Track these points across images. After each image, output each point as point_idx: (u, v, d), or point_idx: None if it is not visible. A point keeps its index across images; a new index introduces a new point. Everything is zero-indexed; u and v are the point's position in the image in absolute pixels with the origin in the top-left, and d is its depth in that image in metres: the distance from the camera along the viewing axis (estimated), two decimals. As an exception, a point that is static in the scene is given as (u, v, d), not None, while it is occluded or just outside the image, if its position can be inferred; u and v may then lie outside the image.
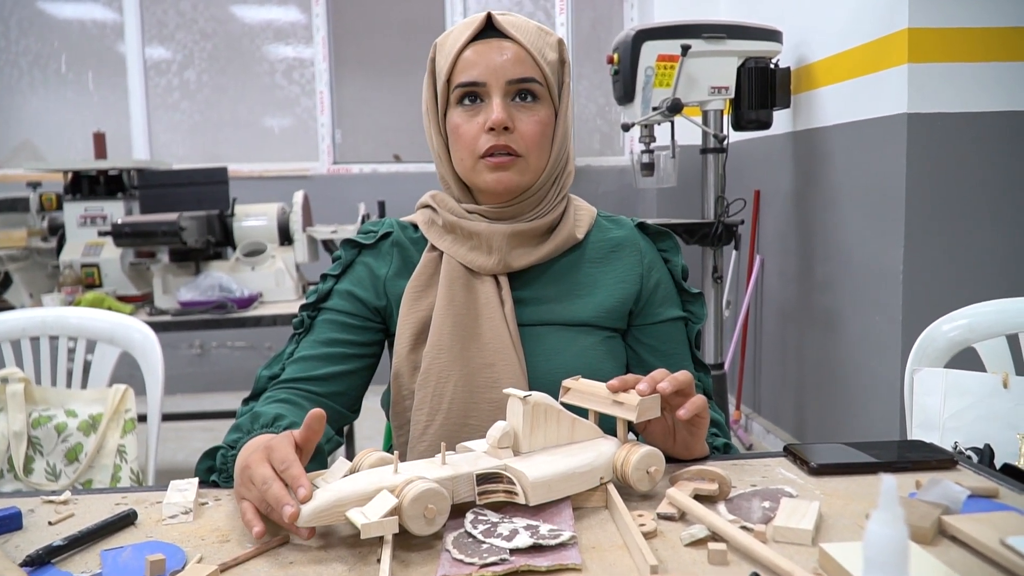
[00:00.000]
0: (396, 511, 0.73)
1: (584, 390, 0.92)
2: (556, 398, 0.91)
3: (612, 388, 0.88)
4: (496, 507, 0.83)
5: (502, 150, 1.05)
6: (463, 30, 1.07)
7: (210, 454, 0.97)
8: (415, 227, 1.17)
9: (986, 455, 1.20)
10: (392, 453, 0.83)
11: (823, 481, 0.93)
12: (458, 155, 1.09)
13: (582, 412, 0.92)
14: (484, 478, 0.81)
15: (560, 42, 1.11)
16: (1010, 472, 1.10)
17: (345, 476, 0.80)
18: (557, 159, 1.10)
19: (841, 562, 0.67)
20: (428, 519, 0.74)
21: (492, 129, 1.04)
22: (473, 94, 1.06)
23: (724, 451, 1.09)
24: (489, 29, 1.07)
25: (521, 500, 0.80)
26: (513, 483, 0.81)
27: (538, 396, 0.87)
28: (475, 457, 0.84)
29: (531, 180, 1.09)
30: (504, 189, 1.07)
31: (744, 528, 0.78)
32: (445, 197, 1.14)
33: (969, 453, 1.22)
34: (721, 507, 0.84)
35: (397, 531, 0.73)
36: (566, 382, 0.94)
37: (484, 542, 0.75)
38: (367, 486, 0.76)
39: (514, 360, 1.05)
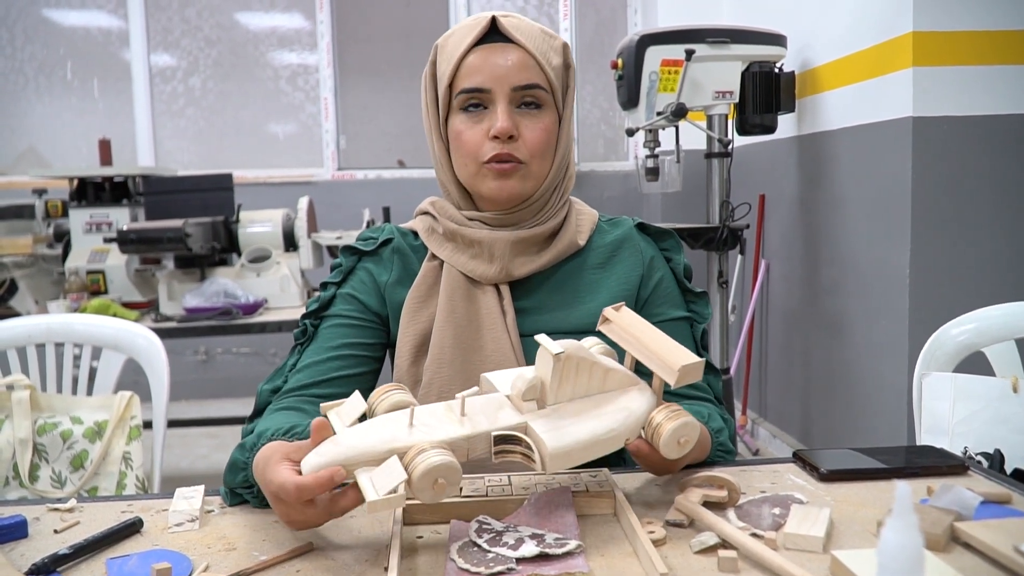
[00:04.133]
0: (406, 481, 0.70)
1: (625, 327, 0.87)
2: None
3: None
4: (500, 515, 0.83)
5: (506, 158, 1.04)
6: (466, 33, 1.05)
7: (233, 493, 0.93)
8: (415, 234, 1.16)
9: (996, 460, 1.20)
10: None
11: (833, 487, 0.93)
12: (460, 160, 1.07)
13: (617, 346, 0.88)
14: (502, 438, 0.78)
15: (565, 46, 1.09)
16: (1020, 477, 1.09)
17: (361, 418, 0.77)
18: (560, 165, 1.09)
19: (853, 569, 0.67)
20: (437, 492, 0.71)
21: (496, 137, 1.03)
22: (477, 100, 1.04)
23: (728, 451, 1.05)
24: (493, 33, 1.04)
25: (538, 468, 0.78)
26: (532, 449, 0.78)
27: (572, 349, 0.80)
28: (496, 407, 0.80)
29: (533, 187, 1.08)
30: (507, 197, 1.06)
31: (754, 535, 0.78)
32: (445, 204, 1.13)
33: (979, 458, 1.21)
34: (731, 514, 0.83)
35: (404, 505, 0.70)
36: (607, 311, 0.90)
37: (490, 551, 0.74)
38: (379, 444, 0.73)
39: None
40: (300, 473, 0.74)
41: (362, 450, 0.73)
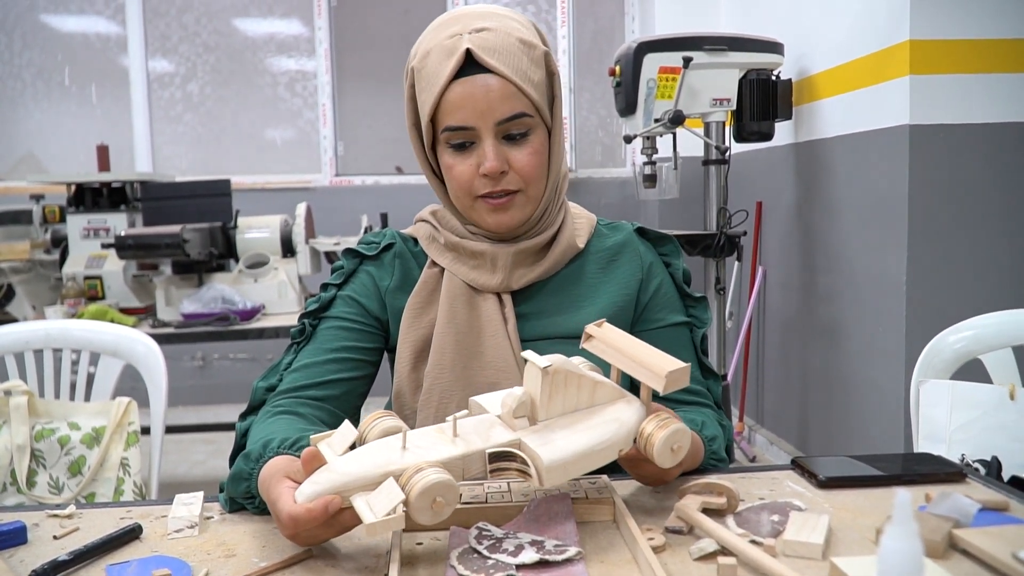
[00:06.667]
0: (403, 501, 0.70)
1: (608, 341, 0.87)
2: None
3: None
4: (499, 522, 0.83)
5: (499, 193, 1.03)
6: (442, 62, 0.99)
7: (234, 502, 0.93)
8: (415, 240, 1.16)
9: (993, 467, 1.20)
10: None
11: (831, 494, 0.93)
12: (454, 192, 1.06)
13: (602, 361, 0.88)
14: (497, 456, 0.78)
15: (546, 55, 1.04)
16: (1018, 484, 1.09)
17: (351, 446, 0.76)
18: (555, 178, 1.08)
19: (852, 577, 0.67)
20: (435, 512, 0.71)
21: (486, 175, 1.01)
22: (462, 139, 1.01)
23: (720, 459, 1.04)
24: (470, 62, 0.99)
25: (535, 483, 0.77)
26: (527, 464, 0.78)
27: (559, 363, 0.81)
28: (488, 426, 0.80)
29: (533, 210, 1.07)
30: (506, 229, 1.06)
31: (754, 542, 0.78)
32: (446, 215, 1.13)
33: (976, 465, 1.22)
34: (730, 521, 0.83)
35: (403, 527, 0.70)
36: (589, 328, 0.90)
37: (489, 558, 0.74)
38: (373, 469, 0.72)
39: (517, 378, 1.03)
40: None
41: (357, 475, 0.72)
